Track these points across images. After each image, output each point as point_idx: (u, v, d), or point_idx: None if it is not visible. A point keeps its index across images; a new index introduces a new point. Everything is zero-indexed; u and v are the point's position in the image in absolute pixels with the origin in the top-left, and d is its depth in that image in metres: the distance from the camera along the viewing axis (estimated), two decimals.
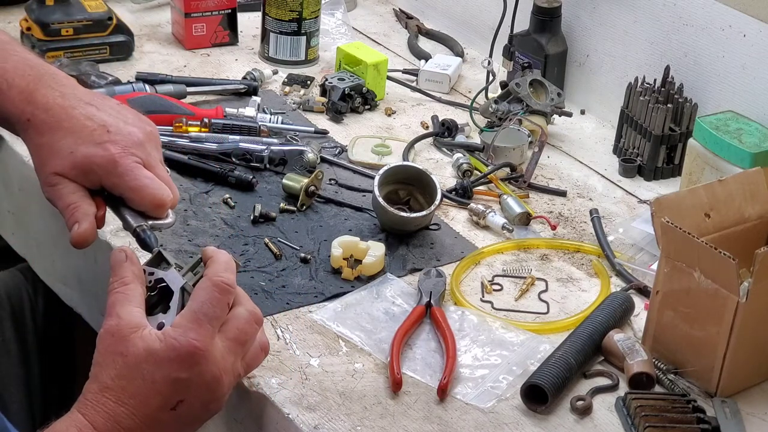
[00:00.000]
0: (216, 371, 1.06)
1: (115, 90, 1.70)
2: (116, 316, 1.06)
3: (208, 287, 1.07)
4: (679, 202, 1.28)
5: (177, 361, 1.04)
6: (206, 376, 1.05)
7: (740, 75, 1.62)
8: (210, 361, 1.05)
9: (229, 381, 1.08)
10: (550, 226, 1.54)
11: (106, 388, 1.04)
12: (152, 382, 1.03)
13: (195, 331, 1.04)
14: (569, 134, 1.81)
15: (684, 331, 1.24)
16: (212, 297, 1.07)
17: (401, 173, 1.52)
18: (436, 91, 1.91)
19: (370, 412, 1.18)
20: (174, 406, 1.05)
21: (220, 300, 1.07)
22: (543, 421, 1.19)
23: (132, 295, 1.08)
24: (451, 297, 1.38)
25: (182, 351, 1.03)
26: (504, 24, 1.85)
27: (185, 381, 1.04)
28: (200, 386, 1.05)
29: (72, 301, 1.57)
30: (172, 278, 1.11)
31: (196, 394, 1.06)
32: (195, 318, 1.05)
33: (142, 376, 1.03)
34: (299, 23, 1.92)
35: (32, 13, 1.86)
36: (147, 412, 1.03)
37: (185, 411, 1.06)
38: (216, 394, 1.07)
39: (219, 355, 1.06)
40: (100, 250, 1.45)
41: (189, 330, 1.04)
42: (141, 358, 1.03)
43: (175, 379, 1.04)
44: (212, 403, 1.08)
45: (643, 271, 1.44)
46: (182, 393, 1.05)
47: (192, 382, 1.05)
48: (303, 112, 1.80)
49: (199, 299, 1.07)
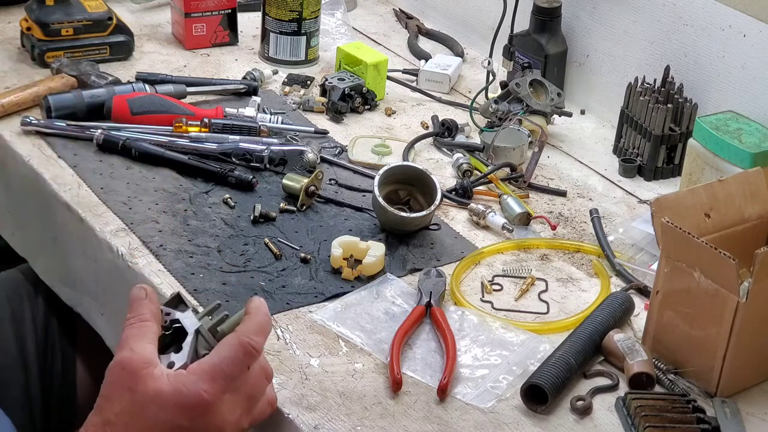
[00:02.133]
0: (220, 424, 1.05)
1: (115, 90, 1.70)
2: (129, 350, 1.05)
3: (234, 345, 1.06)
4: (679, 202, 1.28)
5: (182, 408, 1.03)
6: (210, 428, 1.05)
7: (740, 75, 1.62)
8: (215, 413, 1.04)
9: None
10: (550, 226, 1.54)
11: (108, 423, 1.03)
12: (155, 424, 1.03)
13: (207, 383, 1.04)
14: (569, 134, 1.81)
15: (684, 331, 1.24)
16: (235, 356, 1.06)
17: (401, 173, 1.52)
18: (436, 91, 1.91)
19: (370, 412, 1.18)
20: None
21: (241, 361, 1.06)
22: (543, 421, 1.19)
23: (147, 332, 1.07)
24: (451, 297, 1.38)
25: (189, 399, 1.03)
26: (504, 24, 1.85)
27: (187, 429, 1.03)
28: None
29: (72, 301, 1.57)
30: (187, 320, 1.10)
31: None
32: (212, 371, 1.04)
33: (146, 416, 1.03)
34: (299, 23, 1.92)
35: (32, 13, 1.86)
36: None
37: None
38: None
39: (226, 409, 1.05)
40: (100, 250, 1.45)
41: (201, 381, 1.04)
42: (148, 398, 1.03)
43: (178, 425, 1.03)
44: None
45: (643, 271, 1.44)
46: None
47: (195, 430, 1.04)
48: (303, 112, 1.80)
49: (221, 354, 1.06)
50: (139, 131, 1.65)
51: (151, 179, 1.57)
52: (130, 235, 1.44)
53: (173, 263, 1.39)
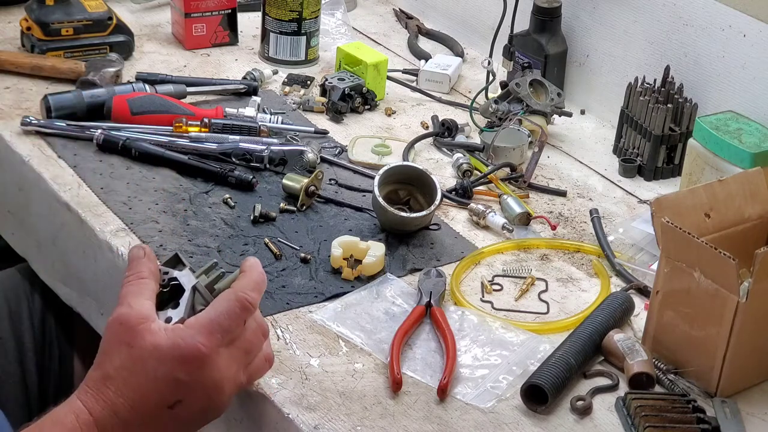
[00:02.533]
0: (218, 378, 1.07)
1: (115, 90, 1.70)
2: (127, 305, 1.07)
3: (231, 300, 1.08)
4: (679, 202, 1.28)
5: (180, 360, 1.04)
6: (207, 381, 1.06)
7: (740, 75, 1.62)
8: (213, 367, 1.06)
9: (230, 389, 1.09)
10: (550, 226, 1.54)
11: (108, 378, 1.05)
12: (154, 378, 1.04)
13: (204, 337, 1.05)
14: (569, 134, 1.81)
15: (684, 331, 1.24)
16: (232, 311, 1.08)
17: (401, 173, 1.52)
18: (436, 91, 1.91)
19: (370, 412, 1.18)
20: (172, 405, 1.06)
21: (238, 316, 1.08)
22: (543, 421, 1.19)
23: (145, 289, 1.09)
24: (451, 297, 1.38)
25: (186, 352, 1.04)
26: (504, 24, 1.85)
27: (186, 383, 1.05)
28: (200, 390, 1.06)
29: (72, 301, 1.57)
30: (185, 278, 1.12)
31: (195, 397, 1.06)
32: (209, 325, 1.06)
33: (145, 370, 1.04)
34: (299, 23, 1.92)
35: (32, 13, 1.86)
36: (145, 407, 1.05)
37: (183, 412, 1.06)
38: (215, 401, 1.08)
39: (223, 362, 1.07)
40: (100, 250, 1.45)
41: (198, 334, 1.05)
42: (146, 352, 1.04)
43: (176, 378, 1.05)
44: (211, 409, 1.09)
45: (643, 271, 1.44)
46: (181, 393, 1.05)
47: (192, 384, 1.05)
48: (303, 112, 1.80)
49: (218, 308, 1.08)
50: (139, 131, 1.65)
51: (151, 179, 1.57)
52: (130, 235, 1.44)
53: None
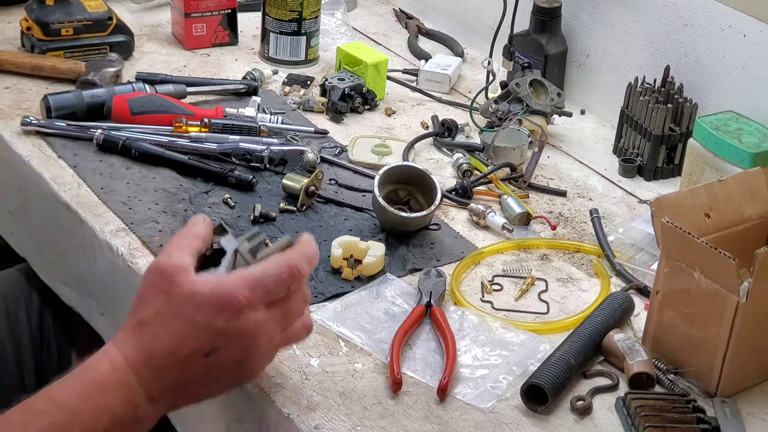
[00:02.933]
0: (254, 332, 1.07)
1: (115, 90, 1.70)
2: (167, 255, 1.08)
3: (281, 265, 1.09)
4: (679, 202, 1.28)
5: (219, 307, 1.05)
6: (243, 332, 1.07)
7: (740, 75, 1.62)
8: (250, 319, 1.07)
9: (266, 346, 1.10)
10: (550, 226, 1.54)
11: (143, 324, 1.06)
12: (191, 323, 1.05)
13: (246, 289, 1.06)
14: (569, 134, 1.81)
15: (684, 331, 1.24)
16: (279, 275, 1.09)
17: (401, 173, 1.52)
18: (436, 91, 1.91)
19: (370, 412, 1.18)
20: (207, 353, 1.06)
21: (284, 281, 1.09)
22: (543, 421, 1.19)
23: (189, 245, 1.10)
24: (451, 297, 1.38)
25: (226, 300, 1.05)
26: (504, 24, 1.85)
27: (222, 331, 1.06)
28: (236, 341, 1.07)
29: (72, 301, 1.57)
30: (227, 242, 1.13)
31: (231, 346, 1.07)
32: (254, 281, 1.07)
33: (182, 316, 1.05)
34: (299, 23, 1.92)
35: (32, 13, 1.86)
36: (180, 352, 1.06)
37: (216, 362, 1.07)
38: (250, 355, 1.09)
39: (261, 318, 1.08)
40: (100, 250, 1.45)
41: (241, 286, 1.06)
42: (184, 298, 1.05)
43: (213, 326, 1.05)
44: (244, 363, 1.09)
45: (643, 271, 1.44)
46: (217, 341, 1.06)
47: (228, 333, 1.06)
48: (303, 112, 1.80)
49: (266, 270, 1.09)
50: (139, 131, 1.65)
51: (151, 179, 1.57)
52: (130, 235, 1.44)
53: None
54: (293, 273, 1.09)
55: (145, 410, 1.07)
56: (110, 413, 1.05)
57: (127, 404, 1.06)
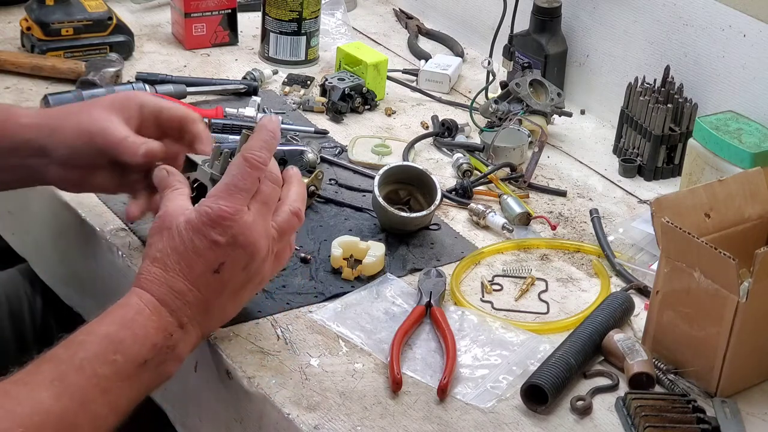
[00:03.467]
0: (249, 234, 1.16)
1: (115, 90, 1.70)
2: (164, 208, 1.19)
3: (240, 163, 1.17)
4: (679, 202, 1.28)
5: (210, 225, 1.15)
6: (239, 238, 1.15)
7: (740, 75, 1.62)
8: (241, 224, 1.15)
9: (265, 244, 1.18)
10: (550, 226, 1.54)
11: (154, 260, 1.16)
12: (193, 247, 1.15)
13: (225, 200, 1.15)
14: (569, 134, 1.81)
15: (684, 331, 1.24)
16: (242, 171, 1.17)
17: (401, 173, 1.52)
18: (436, 91, 1.91)
19: (370, 412, 1.18)
20: (217, 269, 1.16)
21: (250, 174, 1.17)
22: (543, 421, 1.19)
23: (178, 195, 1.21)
24: (451, 297, 1.38)
25: (214, 215, 1.15)
26: (504, 24, 1.85)
27: (221, 244, 1.15)
28: (236, 247, 1.15)
29: (72, 300, 1.57)
30: (202, 175, 1.26)
31: (235, 255, 1.16)
32: (226, 189, 1.16)
33: (183, 243, 1.15)
34: (299, 23, 1.92)
35: (32, 13, 1.86)
36: (193, 274, 1.15)
37: (229, 274, 1.16)
38: (254, 257, 1.17)
39: (249, 219, 1.16)
40: (100, 249, 1.45)
41: (220, 199, 1.15)
42: (181, 228, 1.16)
43: (213, 241, 1.15)
44: (252, 265, 1.17)
45: (643, 271, 1.44)
46: (221, 255, 1.15)
47: (228, 244, 1.15)
48: (303, 112, 1.80)
49: (230, 173, 1.17)
50: None
51: None
52: (130, 235, 1.44)
53: None
54: (253, 164, 1.17)
55: (178, 337, 1.15)
56: (151, 342, 1.13)
57: (163, 333, 1.14)
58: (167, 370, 1.15)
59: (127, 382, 1.11)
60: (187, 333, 1.16)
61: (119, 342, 1.11)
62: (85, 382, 1.09)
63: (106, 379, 1.10)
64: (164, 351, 1.14)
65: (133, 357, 1.11)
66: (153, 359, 1.13)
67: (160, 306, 1.14)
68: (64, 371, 1.09)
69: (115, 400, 1.11)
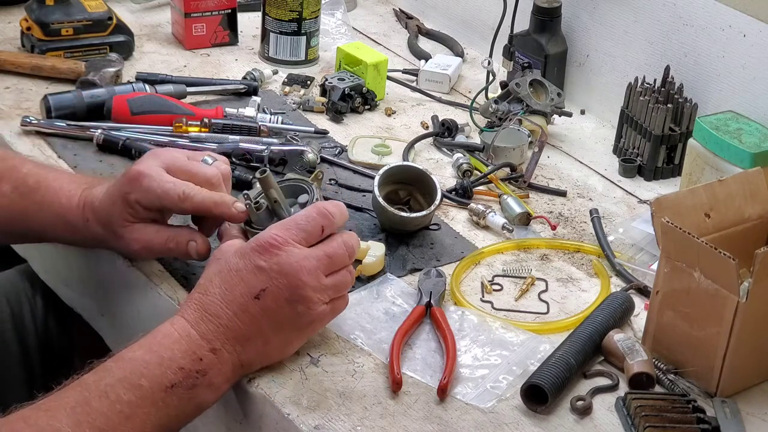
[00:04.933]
0: (296, 267, 1.16)
1: (115, 90, 1.70)
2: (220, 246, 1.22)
3: (309, 208, 1.20)
4: (679, 202, 1.28)
5: (258, 251, 1.16)
6: (285, 267, 1.15)
7: (740, 75, 1.62)
8: (290, 256, 1.16)
9: (313, 284, 1.17)
10: (550, 226, 1.54)
11: (198, 287, 1.18)
12: (237, 270, 1.16)
13: (278, 230, 1.17)
14: (569, 134, 1.81)
15: (684, 331, 1.24)
16: (308, 215, 1.19)
17: (401, 173, 1.52)
18: (436, 91, 1.91)
19: (370, 412, 1.18)
20: (257, 295, 1.15)
21: (314, 219, 1.19)
22: (543, 421, 1.19)
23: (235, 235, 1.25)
24: (451, 297, 1.38)
25: (263, 241, 1.16)
26: (504, 24, 1.85)
27: (264, 268, 1.15)
28: (281, 277, 1.15)
29: (72, 301, 1.57)
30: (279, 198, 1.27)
31: (278, 284, 1.15)
32: (285, 223, 1.19)
33: (228, 267, 1.17)
34: (299, 23, 1.92)
35: (32, 13, 1.86)
36: (232, 297, 1.15)
37: (270, 303, 1.15)
38: (298, 290, 1.16)
39: (300, 254, 1.17)
40: (100, 250, 1.44)
41: (274, 229, 1.18)
42: (229, 256, 1.18)
43: (257, 266, 1.15)
44: (297, 300, 1.16)
45: (643, 271, 1.44)
46: (264, 280, 1.15)
47: (272, 270, 1.15)
48: (303, 112, 1.80)
49: (296, 214, 1.20)
50: (139, 131, 1.65)
51: None
52: None
53: (173, 263, 1.39)
54: (321, 212, 1.19)
55: (209, 362, 1.14)
56: (177, 365, 1.12)
57: (191, 357, 1.13)
58: (199, 396, 1.14)
59: (153, 407, 1.10)
60: (221, 359, 1.15)
61: (145, 366, 1.10)
62: (107, 409, 1.08)
63: (130, 405, 1.09)
64: (193, 375, 1.12)
65: (158, 381, 1.10)
66: (181, 383, 1.11)
67: (191, 329, 1.14)
68: (87, 397, 1.08)
69: (140, 426, 1.09)
